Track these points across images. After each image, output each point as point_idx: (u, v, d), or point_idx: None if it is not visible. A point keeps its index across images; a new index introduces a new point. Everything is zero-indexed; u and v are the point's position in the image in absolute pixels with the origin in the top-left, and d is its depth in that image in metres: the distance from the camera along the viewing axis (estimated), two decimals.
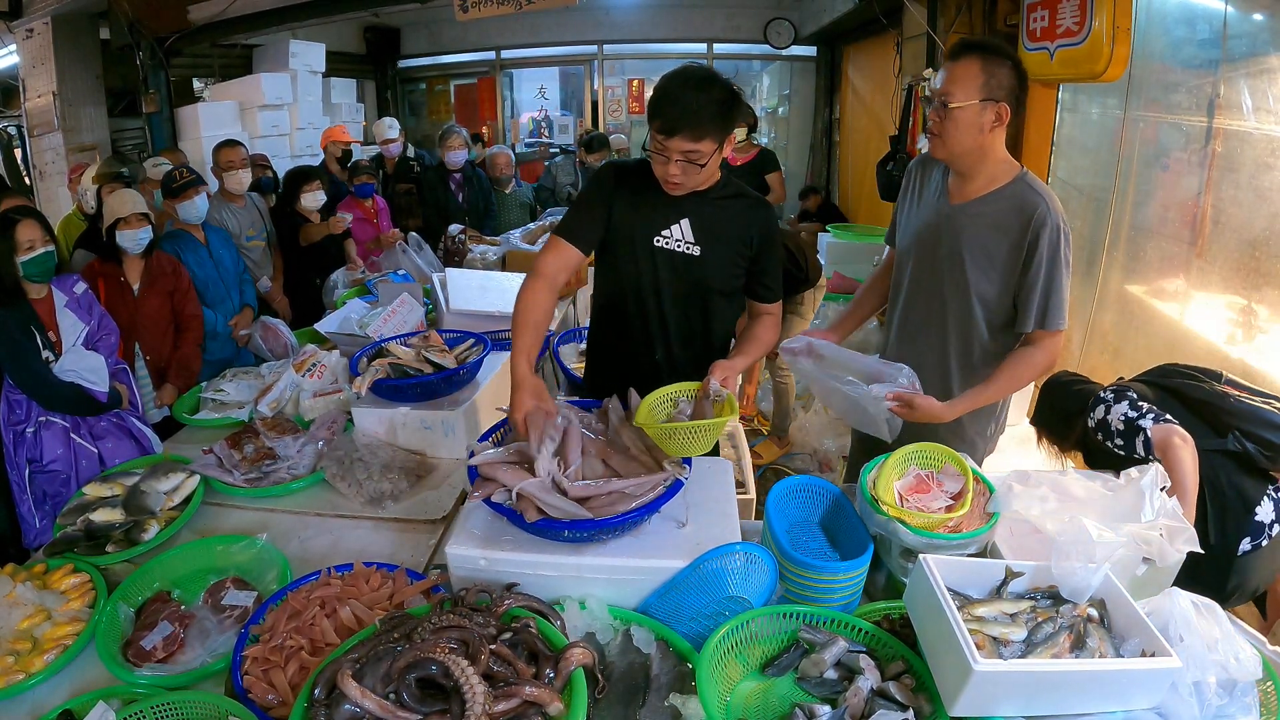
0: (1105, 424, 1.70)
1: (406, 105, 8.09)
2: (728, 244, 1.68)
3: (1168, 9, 2.61)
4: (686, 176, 1.56)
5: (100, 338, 2.28)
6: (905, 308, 1.86)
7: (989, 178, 1.68)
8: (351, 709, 0.97)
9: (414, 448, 2.00)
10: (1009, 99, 1.58)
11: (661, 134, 1.50)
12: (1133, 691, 1.03)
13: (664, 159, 1.53)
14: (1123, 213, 2.84)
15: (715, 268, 1.69)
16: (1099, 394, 1.77)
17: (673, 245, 1.68)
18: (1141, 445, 1.61)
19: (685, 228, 1.67)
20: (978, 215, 1.68)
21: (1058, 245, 1.60)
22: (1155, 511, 1.27)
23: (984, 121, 1.59)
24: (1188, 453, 1.55)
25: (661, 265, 1.69)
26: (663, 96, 1.50)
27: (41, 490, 2.19)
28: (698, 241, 1.67)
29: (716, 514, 1.39)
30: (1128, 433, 1.65)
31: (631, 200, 1.67)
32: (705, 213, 1.67)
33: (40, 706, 1.21)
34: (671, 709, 1.10)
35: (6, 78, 6.14)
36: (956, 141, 1.62)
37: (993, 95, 1.57)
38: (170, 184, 3.01)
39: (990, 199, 1.67)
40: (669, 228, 1.67)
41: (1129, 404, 1.68)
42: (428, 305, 2.98)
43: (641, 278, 1.71)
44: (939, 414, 1.61)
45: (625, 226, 1.68)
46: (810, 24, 6.30)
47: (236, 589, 1.43)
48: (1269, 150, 2.13)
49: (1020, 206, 1.62)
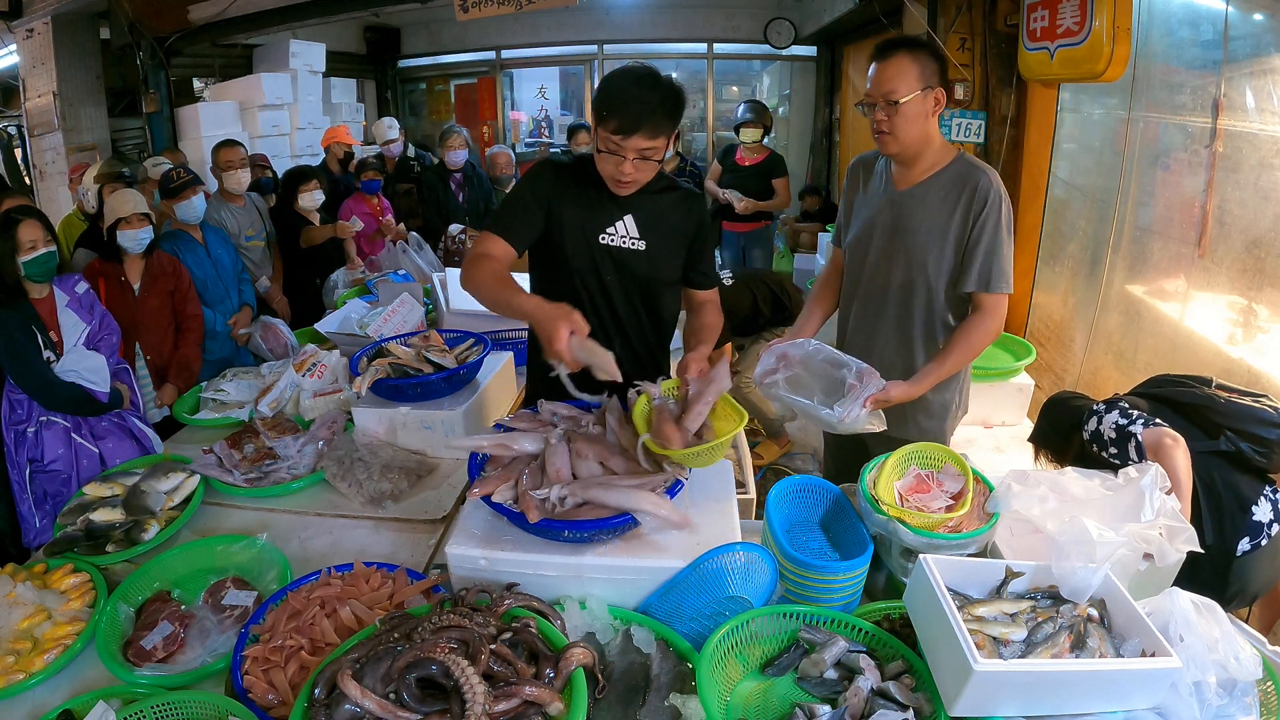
0: (1099, 434, 1.71)
1: (406, 105, 8.09)
2: (670, 237, 1.72)
3: (1170, 9, 2.61)
4: (640, 174, 1.57)
5: (101, 337, 2.28)
6: (863, 299, 1.93)
7: (931, 162, 1.80)
8: (351, 709, 0.97)
9: (414, 448, 2.00)
10: (941, 83, 1.72)
11: (618, 134, 1.49)
12: (1133, 691, 1.03)
13: (618, 158, 1.52)
14: (1126, 214, 2.84)
15: (660, 261, 1.72)
16: (1092, 407, 1.78)
17: (619, 242, 1.69)
18: (1134, 450, 1.62)
19: (630, 224, 1.69)
20: (924, 196, 1.79)
21: (999, 210, 1.71)
22: (1155, 511, 1.27)
23: (927, 109, 1.73)
24: (1179, 452, 1.56)
25: (609, 262, 1.70)
26: (618, 97, 1.49)
27: (42, 490, 2.19)
28: (642, 236, 1.69)
29: (716, 514, 1.39)
30: (1120, 439, 1.65)
31: (574, 199, 1.66)
32: (647, 208, 1.69)
33: (40, 706, 1.21)
34: (671, 709, 1.10)
35: (7, 78, 6.14)
36: (906, 133, 1.73)
37: (929, 83, 1.70)
38: (168, 184, 3.01)
39: (935, 178, 1.79)
40: (613, 225, 1.68)
41: (1119, 413, 1.69)
42: (428, 305, 2.98)
43: (589, 276, 1.71)
44: (909, 393, 1.67)
45: (570, 226, 1.67)
46: (810, 24, 6.29)
47: (236, 589, 1.43)
48: (1272, 150, 2.13)
49: (964, 180, 1.74)
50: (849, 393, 1.58)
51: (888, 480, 1.41)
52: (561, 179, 1.67)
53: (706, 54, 7.13)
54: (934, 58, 1.72)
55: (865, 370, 1.60)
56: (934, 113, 1.74)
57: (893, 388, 1.62)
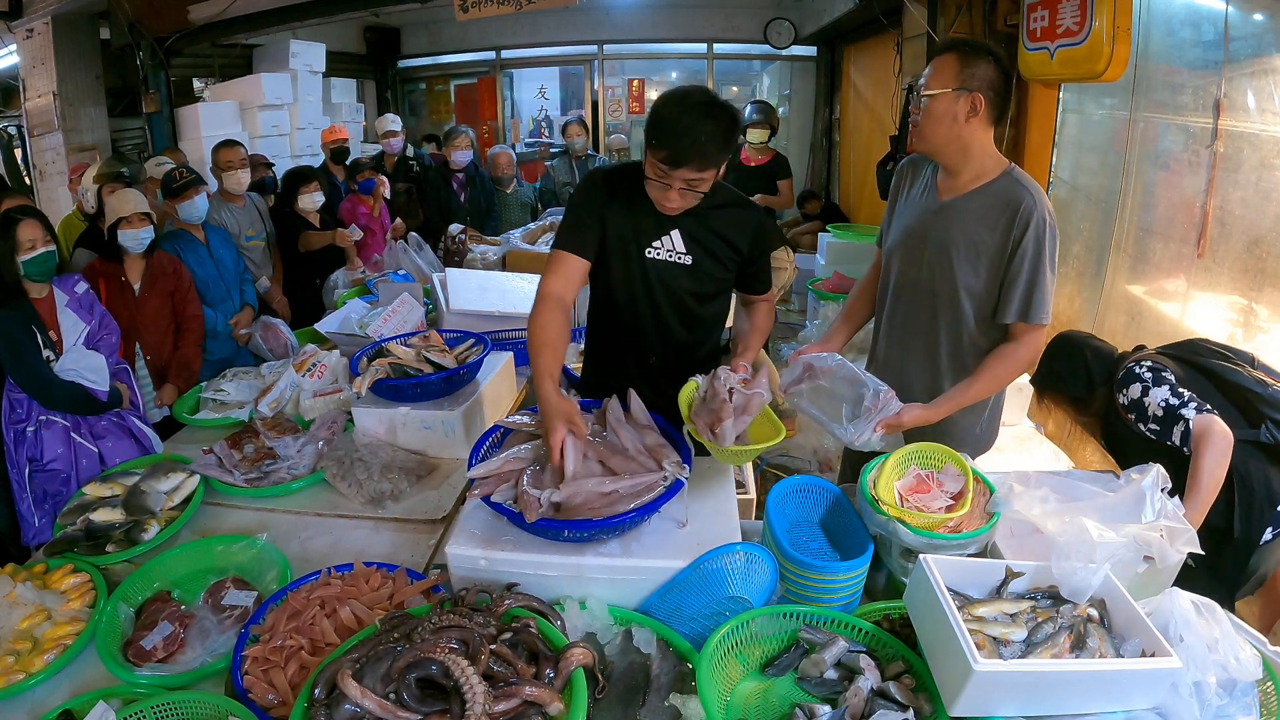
0: (1141, 406, 1.63)
1: (406, 105, 8.08)
2: (718, 252, 1.69)
3: (1170, 9, 2.61)
4: (686, 201, 1.55)
5: (101, 337, 2.28)
6: (893, 306, 1.86)
7: (975, 173, 1.68)
8: (351, 709, 0.97)
9: (414, 448, 2.00)
10: (985, 90, 1.59)
11: (666, 164, 1.46)
12: (1133, 691, 1.03)
13: (664, 185, 1.50)
14: (1128, 214, 2.84)
15: (705, 275, 1.70)
16: (1132, 368, 1.69)
17: (664, 256, 1.68)
18: (1179, 435, 1.57)
19: (676, 239, 1.67)
20: (965, 210, 1.68)
21: (1043, 239, 1.61)
22: (1156, 512, 1.27)
23: (958, 110, 1.61)
24: (1223, 449, 1.52)
25: (653, 275, 1.69)
26: (669, 127, 1.45)
27: (41, 489, 2.19)
28: (689, 251, 1.67)
29: (716, 514, 1.39)
30: (1166, 419, 1.59)
31: (623, 210, 1.65)
32: (696, 223, 1.66)
33: (40, 706, 1.21)
34: (671, 709, 1.10)
35: (6, 78, 6.14)
36: (932, 131, 1.65)
37: (965, 85, 1.59)
38: (170, 184, 3.01)
39: (977, 194, 1.68)
40: (660, 239, 1.67)
41: (1170, 389, 1.61)
42: (428, 305, 2.98)
43: (634, 288, 1.70)
44: (924, 418, 1.61)
45: (617, 237, 1.66)
46: (810, 24, 6.29)
47: (236, 589, 1.44)
48: (1273, 150, 2.13)
49: (1007, 200, 1.63)
50: (864, 414, 1.55)
51: (888, 480, 1.41)
52: (613, 190, 1.65)
53: (706, 54, 7.12)
54: (990, 66, 1.60)
55: (884, 392, 1.56)
56: (968, 118, 1.61)
57: (907, 411, 1.56)
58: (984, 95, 1.59)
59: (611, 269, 1.69)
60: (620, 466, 1.38)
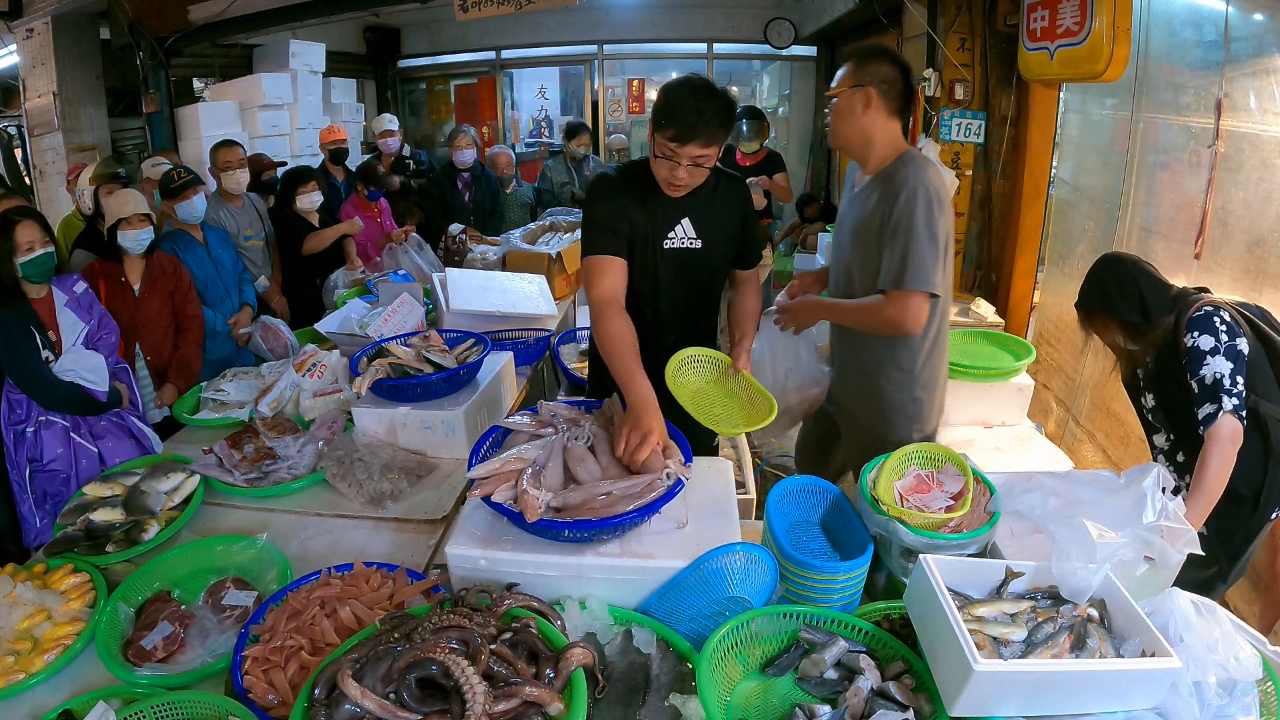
0: (1198, 359, 1.61)
1: (406, 105, 8.08)
2: (724, 231, 1.85)
3: (1171, 10, 2.61)
4: (693, 179, 1.68)
5: (100, 337, 2.28)
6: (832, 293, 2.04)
7: (878, 162, 1.82)
8: (351, 709, 0.97)
9: (414, 448, 2.00)
10: (877, 84, 1.77)
11: (675, 142, 1.60)
12: (1133, 691, 1.03)
13: (673, 164, 1.63)
14: (1130, 214, 2.84)
15: (715, 255, 1.86)
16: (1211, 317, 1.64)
17: (679, 244, 1.81)
18: (1204, 414, 1.57)
19: (687, 226, 1.81)
20: (865, 197, 1.83)
21: (915, 210, 1.68)
22: (1157, 513, 1.27)
23: (855, 105, 1.78)
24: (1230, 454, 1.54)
25: (670, 264, 1.82)
26: (676, 107, 1.59)
27: (42, 490, 2.19)
28: (699, 236, 1.82)
29: (716, 514, 1.39)
30: (1211, 389, 1.58)
31: (639, 207, 1.76)
32: (700, 207, 1.80)
33: (40, 706, 1.21)
34: (671, 709, 1.10)
35: (6, 78, 6.13)
36: (838, 127, 1.84)
37: (860, 82, 1.78)
38: (169, 184, 3.01)
39: (875, 179, 1.82)
40: (674, 228, 1.80)
41: (1235, 365, 1.59)
42: (428, 305, 2.98)
43: (652, 277, 1.83)
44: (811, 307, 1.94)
45: (638, 233, 1.77)
46: (810, 24, 6.29)
47: (236, 589, 1.43)
48: (1274, 151, 2.13)
49: (891, 180, 1.75)
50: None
51: (888, 480, 1.41)
52: (622, 191, 1.76)
53: (706, 54, 7.12)
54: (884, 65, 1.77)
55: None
56: (864, 110, 1.77)
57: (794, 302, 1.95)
58: (877, 89, 1.77)
59: (633, 263, 1.79)
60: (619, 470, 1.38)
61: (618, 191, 1.76)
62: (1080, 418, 3.12)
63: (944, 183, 1.80)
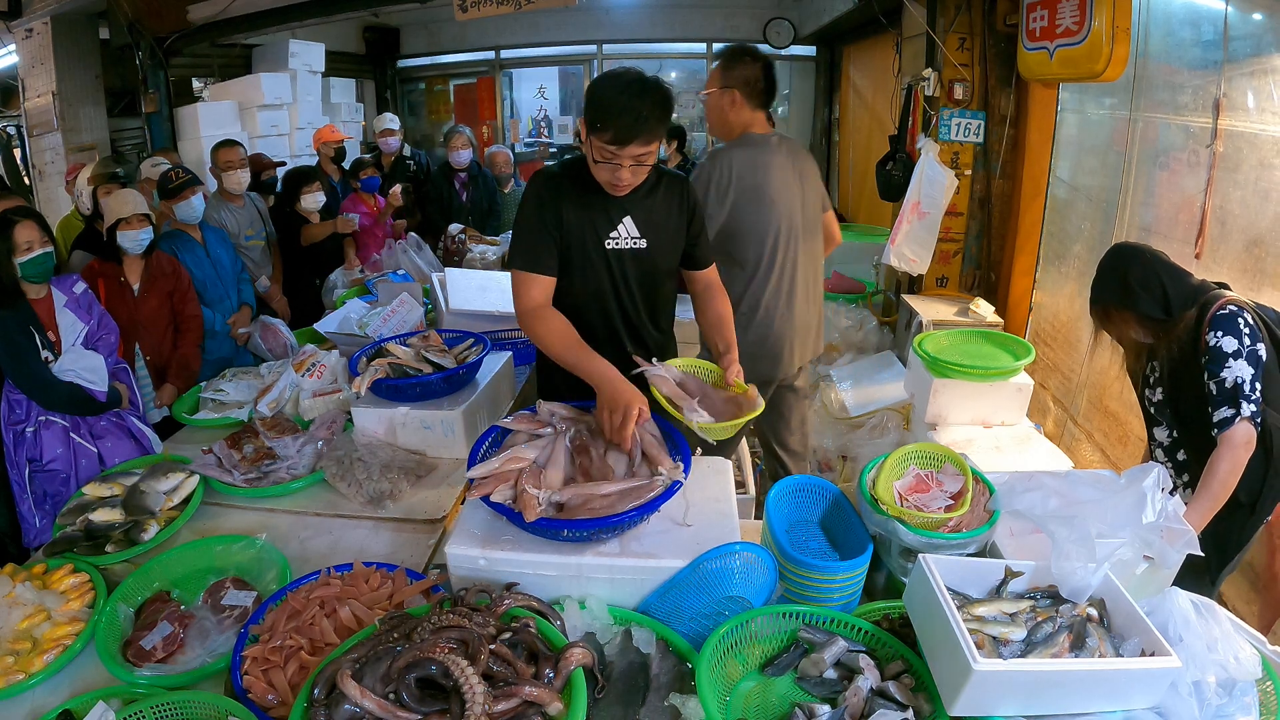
0: (1219, 359, 1.58)
1: (406, 105, 8.07)
2: (668, 229, 1.78)
3: (1170, 9, 2.61)
4: (636, 178, 1.60)
5: (100, 337, 2.28)
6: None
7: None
8: (351, 709, 0.97)
9: (414, 448, 2.00)
10: (740, 86, 2.15)
11: (614, 144, 1.51)
12: (1132, 691, 1.03)
13: (614, 165, 1.55)
14: (1128, 214, 2.84)
15: (662, 255, 1.79)
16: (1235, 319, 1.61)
17: (623, 244, 1.73)
18: (1220, 417, 1.57)
19: (630, 225, 1.73)
20: None
21: (698, 176, 1.97)
22: (1156, 513, 1.27)
23: (723, 104, 2.19)
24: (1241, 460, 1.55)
25: (616, 265, 1.74)
26: (609, 107, 1.50)
27: (41, 490, 2.19)
28: (643, 235, 1.74)
29: (716, 514, 1.39)
30: (1231, 393, 1.57)
31: (575, 208, 1.68)
32: (643, 206, 1.73)
33: (40, 706, 1.21)
34: (671, 709, 1.10)
35: (6, 78, 6.12)
36: (710, 120, 2.29)
37: (726, 84, 2.17)
38: (166, 184, 3.01)
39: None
40: (615, 229, 1.72)
41: (1256, 371, 1.57)
42: (427, 305, 2.98)
43: (600, 280, 1.75)
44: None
45: (575, 235, 1.69)
46: (810, 24, 6.29)
47: (236, 589, 1.43)
48: (1273, 150, 2.13)
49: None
50: None
51: (887, 480, 1.41)
52: (560, 191, 1.68)
53: (706, 54, 7.12)
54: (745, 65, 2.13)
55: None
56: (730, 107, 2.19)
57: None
58: (739, 90, 2.16)
59: (572, 266, 1.72)
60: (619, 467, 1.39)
61: (551, 195, 1.67)
62: (1078, 417, 3.12)
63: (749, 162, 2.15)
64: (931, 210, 3.33)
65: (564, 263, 1.71)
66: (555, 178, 1.71)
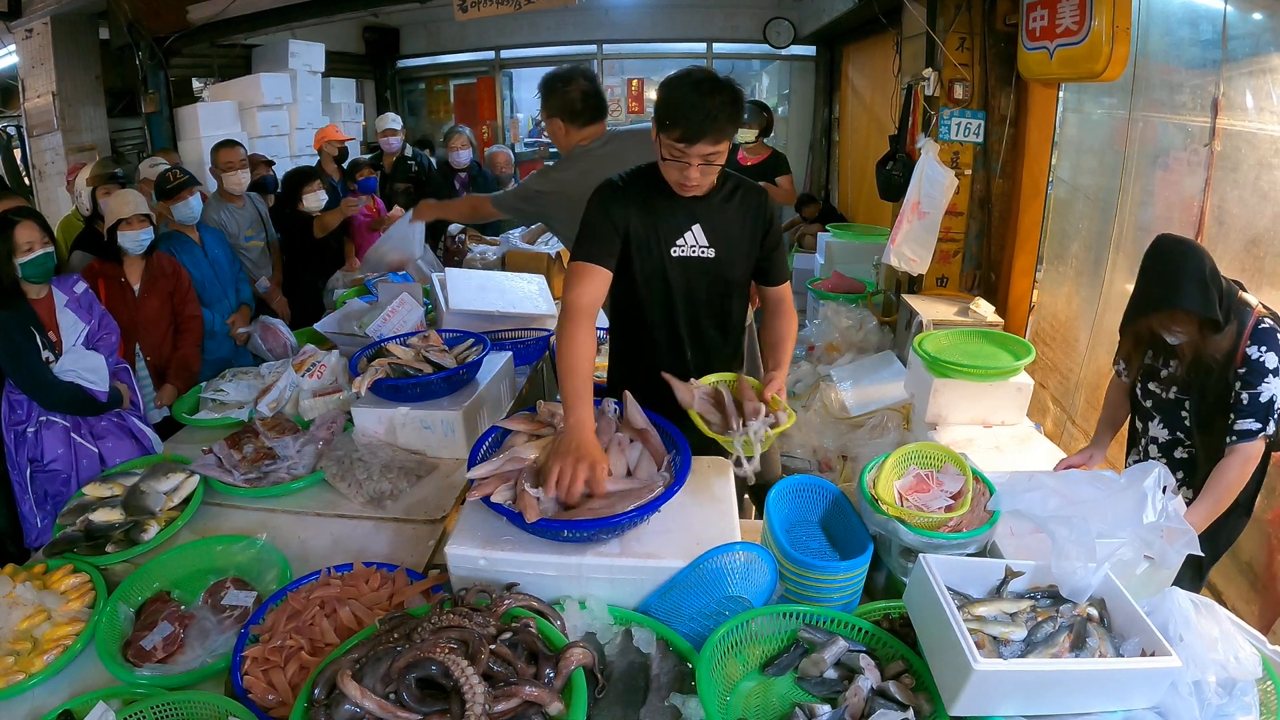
0: (1261, 370, 1.56)
1: (406, 105, 8.07)
2: (739, 240, 1.73)
3: (1169, 9, 2.61)
4: (705, 178, 1.58)
5: (101, 337, 2.28)
6: None
7: None
8: (351, 709, 0.97)
9: (414, 448, 2.00)
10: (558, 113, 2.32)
11: (682, 142, 1.50)
12: (1133, 691, 1.03)
13: (684, 164, 1.54)
14: (1127, 213, 2.84)
15: (730, 265, 1.74)
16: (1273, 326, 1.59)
17: (689, 252, 1.70)
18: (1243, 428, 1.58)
19: (699, 233, 1.70)
20: None
21: None
22: (1157, 513, 1.27)
23: (555, 130, 2.38)
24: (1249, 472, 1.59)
25: (681, 273, 1.72)
26: (680, 105, 1.49)
27: (42, 490, 2.19)
28: (711, 244, 1.70)
29: (716, 514, 1.39)
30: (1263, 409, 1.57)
31: (641, 214, 1.67)
32: (714, 214, 1.70)
33: (40, 706, 1.21)
34: (671, 709, 1.10)
35: (6, 78, 6.12)
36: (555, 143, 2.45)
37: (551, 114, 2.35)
38: (164, 185, 3.01)
39: None
40: (682, 236, 1.69)
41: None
42: (427, 305, 2.98)
43: (658, 286, 1.73)
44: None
45: (641, 241, 1.68)
46: (810, 24, 6.29)
47: (236, 589, 1.43)
48: (1271, 150, 2.13)
49: None
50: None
51: (887, 480, 1.41)
52: (627, 196, 1.67)
53: (706, 54, 7.12)
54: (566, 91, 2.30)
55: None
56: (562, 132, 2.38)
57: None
58: (559, 117, 2.33)
59: (637, 272, 1.71)
60: (619, 468, 1.39)
61: (618, 199, 1.66)
62: (1076, 417, 3.12)
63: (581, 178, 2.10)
64: (931, 210, 3.33)
65: (628, 268, 1.70)
66: (621, 187, 1.69)
